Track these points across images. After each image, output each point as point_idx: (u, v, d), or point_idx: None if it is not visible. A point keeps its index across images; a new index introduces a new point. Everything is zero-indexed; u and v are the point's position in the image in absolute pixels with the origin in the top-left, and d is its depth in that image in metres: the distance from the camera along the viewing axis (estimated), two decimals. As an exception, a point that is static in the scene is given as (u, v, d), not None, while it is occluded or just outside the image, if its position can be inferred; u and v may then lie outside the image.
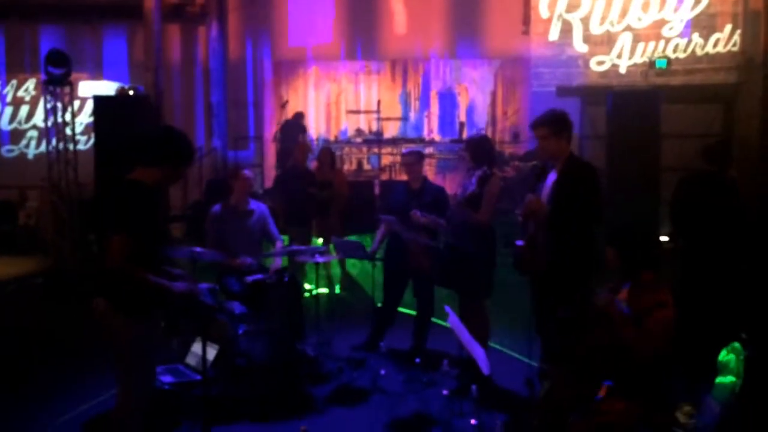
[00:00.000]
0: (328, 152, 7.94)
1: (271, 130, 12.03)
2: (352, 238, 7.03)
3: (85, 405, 4.67)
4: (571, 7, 10.57)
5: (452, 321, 3.90)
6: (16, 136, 12.88)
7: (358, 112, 12.12)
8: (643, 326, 3.12)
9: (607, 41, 10.52)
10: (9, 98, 12.83)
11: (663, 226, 7.57)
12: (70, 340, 6.20)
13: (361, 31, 12.32)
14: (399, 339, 5.65)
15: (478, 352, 3.51)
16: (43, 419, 4.51)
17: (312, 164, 8.49)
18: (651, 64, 10.06)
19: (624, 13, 10.36)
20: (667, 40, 10.21)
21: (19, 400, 4.86)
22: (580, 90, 10.55)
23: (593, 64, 10.54)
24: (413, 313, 5.73)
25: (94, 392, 4.82)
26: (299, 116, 11.26)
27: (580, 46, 10.61)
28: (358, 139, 11.72)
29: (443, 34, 12.02)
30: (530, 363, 4.84)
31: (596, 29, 10.52)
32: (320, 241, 7.67)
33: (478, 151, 4.99)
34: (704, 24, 10.05)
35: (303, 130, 11.09)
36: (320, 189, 7.44)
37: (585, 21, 10.54)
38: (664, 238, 6.90)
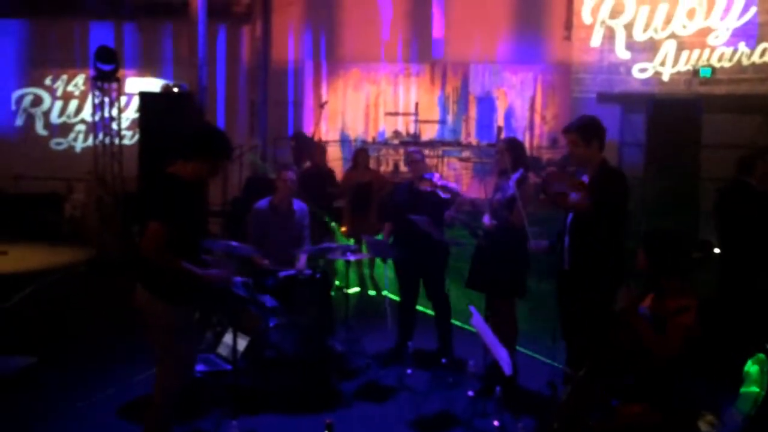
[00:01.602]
0: (363, 153, 8.05)
1: (309, 129, 12.20)
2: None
3: (114, 388, 4.88)
4: (615, 13, 10.51)
5: (476, 321, 3.96)
6: (65, 129, 13.29)
7: (396, 114, 12.20)
8: (663, 330, 3.15)
9: (651, 48, 10.43)
10: (59, 93, 13.26)
11: (702, 236, 7.51)
12: (109, 325, 6.43)
13: (402, 33, 12.42)
14: (427, 340, 5.72)
15: (500, 353, 3.57)
16: (79, 397, 4.73)
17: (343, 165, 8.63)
18: (695, 72, 9.96)
19: (668, 20, 10.27)
20: (712, 49, 10.09)
21: (57, 381, 5.09)
22: (621, 97, 10.50)
23: (635, 72, 10.46)
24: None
25: (128, 375, 5.04)
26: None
27: (622, 53, 10.55)
28: (396, 141, 11.81)
29: (484, 38, 12.03)
30: (555, 366, 4.87)
31: (640, 36, 10.44)
32: (352, 240, 7.78)
33: (519, 152, 5.05)
34: (751, 33, 9.90)
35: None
36: (338, 189, 7.57)
37: (628, 27, 10.47)
38: (716, 250, 6.85)
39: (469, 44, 12.04)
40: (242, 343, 4.66)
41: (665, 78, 10.31)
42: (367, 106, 12.58)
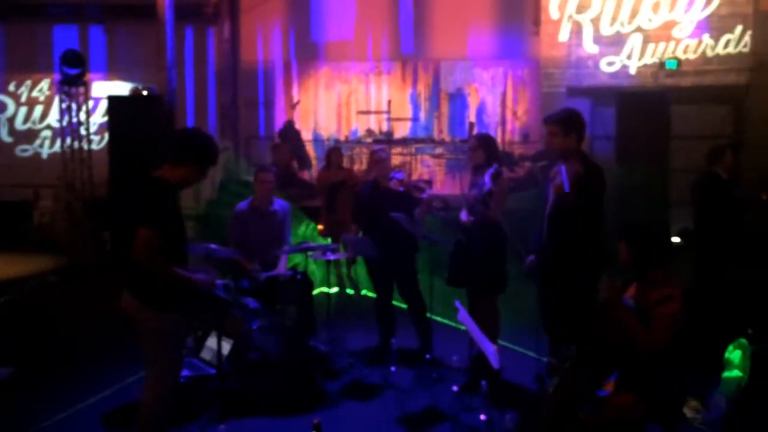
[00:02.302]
0: (336, 152, 8.01)
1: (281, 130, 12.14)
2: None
3: (98, 395, 4.80)
4: (582, 8, 10.63)
5: (462, 316, 3.98)
6: (30, 136, 13.04)
7: (368, 112, 12.21)
8: (649, 320, 3.20)
9: (618, 42, 10.56)
10: (24, 98, 12.99)
11: (672, 227, 7.66)
12: (86, 333, 6.33)
13: (372, 31, 12.41)
14: (410, 338, 5.73)
15: (488, 347, 3.59)
16: (60, 407, 4.63)
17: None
18: (661, 65, 10.11)
19: (634, 14, 10.41)
20: (678, 41, 10.25)
21: (37, 391, 4.99)
22: (590, 91, 10.61)
23: (603, 65, 10.59)
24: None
25: (110, 383, 4.97)
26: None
27: (590, 47, 10.66)
28: (369, 140, 11.81)
29: (454, 34, 12.08)
30: (538, 358, 4.92)
31: (606, 30, 10.57)
32: (329, 240, 7.76)
33: (492, 147, 5.09)
34: (715, 25, 10.10)
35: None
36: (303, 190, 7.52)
37: (595, 22, 10.60)
38: (675, 239, 7.01)
39: (440, 41, 12.09)
40: (226, 347, 4.62)
41: (632, 71, 10.45)
42: (339, 105, 12.55)
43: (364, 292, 7.73)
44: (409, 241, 5.44)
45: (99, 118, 12.02)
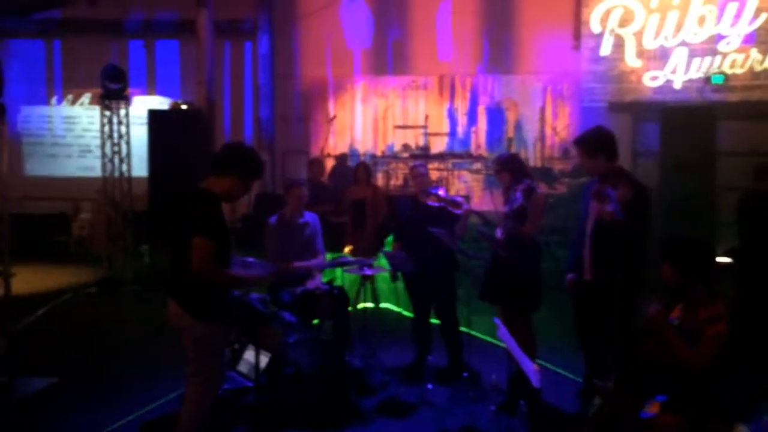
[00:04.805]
0: (363, 167, 8.04)
1: (318, 144, 12.28)
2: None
3: (138, 408, 4.89)
4: (624, 22, 10.58)
5: (502, 333, 3.97)
6: (72, 148, 13.42)
7: (405, 127, 12.27)
8: (697, 341, 3.16)
9: (662, 56, 10.49)
10: (65, 112, 13.40)
11: (718, 246, 7.52)
12: (126, 345, 6.47)
13: (409, 45, 12.52)
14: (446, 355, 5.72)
15: (528, 366, 3.58)
16: (99, 421, 4.72)
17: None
18: (707, 79, 9.99)
19: (679, 28, 10.33)
20: (724, 55, 10.14)
21: (75, 403, 5.11)
22: (632, 106, 10.54)
23: (647, 80, 10.51)
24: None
25: (150, 395, 5.07)
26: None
27: (633, 61, 10.60)
28: (405, 155, 11.87)
29: (492, 48, 12.13)
30: (575, 379, 4.87)
31: (650, 44, 10.50)
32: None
33: (515, 165, 5.09)
34: (763, 39, 9.96)
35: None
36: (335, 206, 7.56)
37: (638, 35, 10.54)
38: (722, 259, 6.89)
39: (478, 55, 12.14)
40: (263, 360, 4.68)
41: (677, 86, 10.35)
42: (375, 119, 12.66)
43: (386, 305, 7.75)
44: (448, 258, 5.45)
45: (139, 131, 12.34)
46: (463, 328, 5.49)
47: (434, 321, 5.72)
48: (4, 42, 13.05)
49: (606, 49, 10.71)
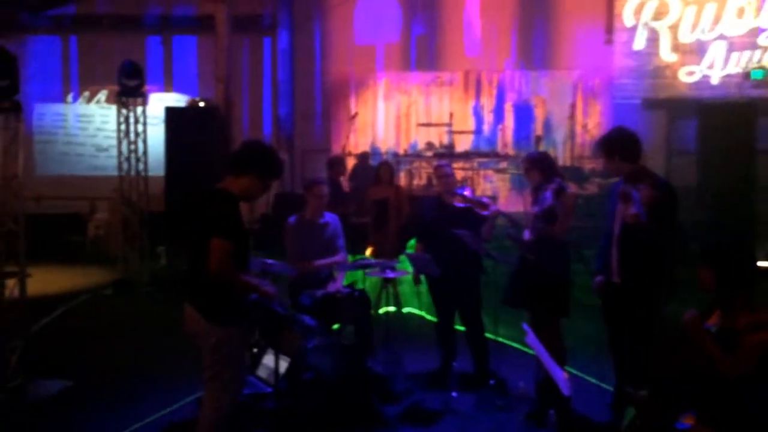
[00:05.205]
0: (385, 167, 8.04)
1: (339, 142, 12.32)
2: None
3: (155, 413, 4.94)
4: (659, 14, 10.49)
5: (530, 339, 3.95)
6: (90, 146, 13.59)
7: (429, 125, 12.27)
8: (735, 348, 3.12)
9: (699, 50, 10.38)
10: (80, 110, 13.57)
11: (759, 249, 7.42)
12: (142, 348, 6.54)
13: (433, 40, 12.52)
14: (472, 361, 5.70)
15: (557, 373, 3.56)
16: (114, 424, 4.79)
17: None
18: (746, 74, 9.87)
19: (717, 20, 10.21)
20: (764, 49, 10.00)
21: (90, 406, 5.18)
22: (667, 102, 10.45)
23: (682, 75, 10.41)
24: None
25: (167, 399, 5.13)
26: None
27: (668, 56, 10.50)
28: (429, 153, 11.86)
29: (519, 43, 12.09)
30: (607, 387, 4.84)
31: (686, 37, 10.39)
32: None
33: (545, 164, 5.06)
34: (806, 31, 9.81)
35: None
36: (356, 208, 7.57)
37: (674, 29, 10.44)
38: (763, 263, 6.80)
39: (505, 49, 12.09)
40: (283, 365, 4.70)
41: (714, 81, 10.24)
42: (398, 116, 12.67)
43: (408, 309, 7.74)
44: (473, 261, 5.44)
45: (156, 129, 12.48)
46: (488, 334, 5.47)
47: (459, 327, 5.71)
48: (19, 38, 13.26)
49: (640, 43, 10.62)
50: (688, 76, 10.38)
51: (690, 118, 9.38)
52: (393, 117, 12.71)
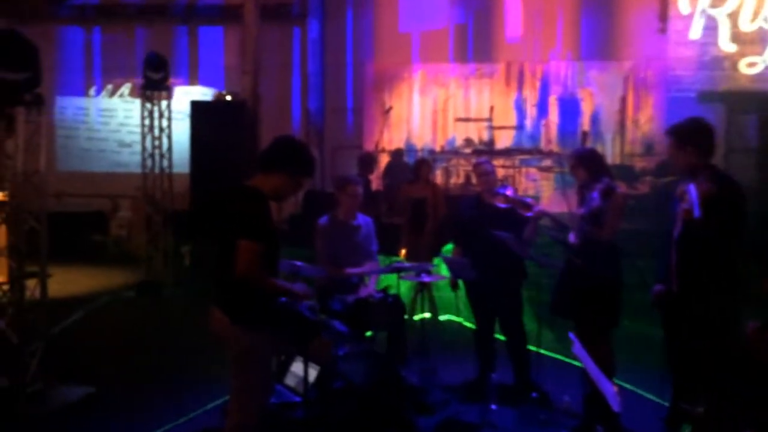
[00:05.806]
0: (425, 164, 8.01)
1: (372, 138, 12.33)
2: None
3: (179, 420, 5.00)
4: (718, 1, 10.32)
5: (577, 349, 3.90)
6: (111, 142, 13.81)
7: (467, 119, 12.22)
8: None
9: (760, 40, 10.20)
10: (103, 104, 13.79)
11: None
12: (167, 352, 6.62)
13: (472, 29, 12.47)
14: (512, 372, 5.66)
15: (606, 387, 3.51)
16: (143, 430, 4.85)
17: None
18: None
19: (781, 7, 10.02)
20: (834, 38, 9.77)
21: (113, 413, 5.26)
22: (726, 95, 10.29)
23: (743, 66, 10.25)
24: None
25: (193, 405, 5.19)
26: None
27: (726, 46, 10.34)
28: (467, 150, 11.82)
29: (565, 32, 11.98)
30: (661, 402, 4.76)
31: (747, 26, 10.22)
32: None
33: (593, 161, 5.00)
34: None
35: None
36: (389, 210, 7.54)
37: (733, 17, 10.27)
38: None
39: (550, 39, 12.00)
40: (312, 373, 4.72)
41: (778, 73, 10.04)
42: (435, 111, 12.65)
43: (446, 317, 7.70)
44: (515, 265, 5.39)
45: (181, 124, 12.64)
46: (531, 346, 5.42)
47: (499, 336, 5.67)
48: (41, 28, 13.52)
49: (696, 32, 10.47)
50: (748, 67, 10.21)
51: (750, 112, 9.25)
52: (429, 111, 12.68)
